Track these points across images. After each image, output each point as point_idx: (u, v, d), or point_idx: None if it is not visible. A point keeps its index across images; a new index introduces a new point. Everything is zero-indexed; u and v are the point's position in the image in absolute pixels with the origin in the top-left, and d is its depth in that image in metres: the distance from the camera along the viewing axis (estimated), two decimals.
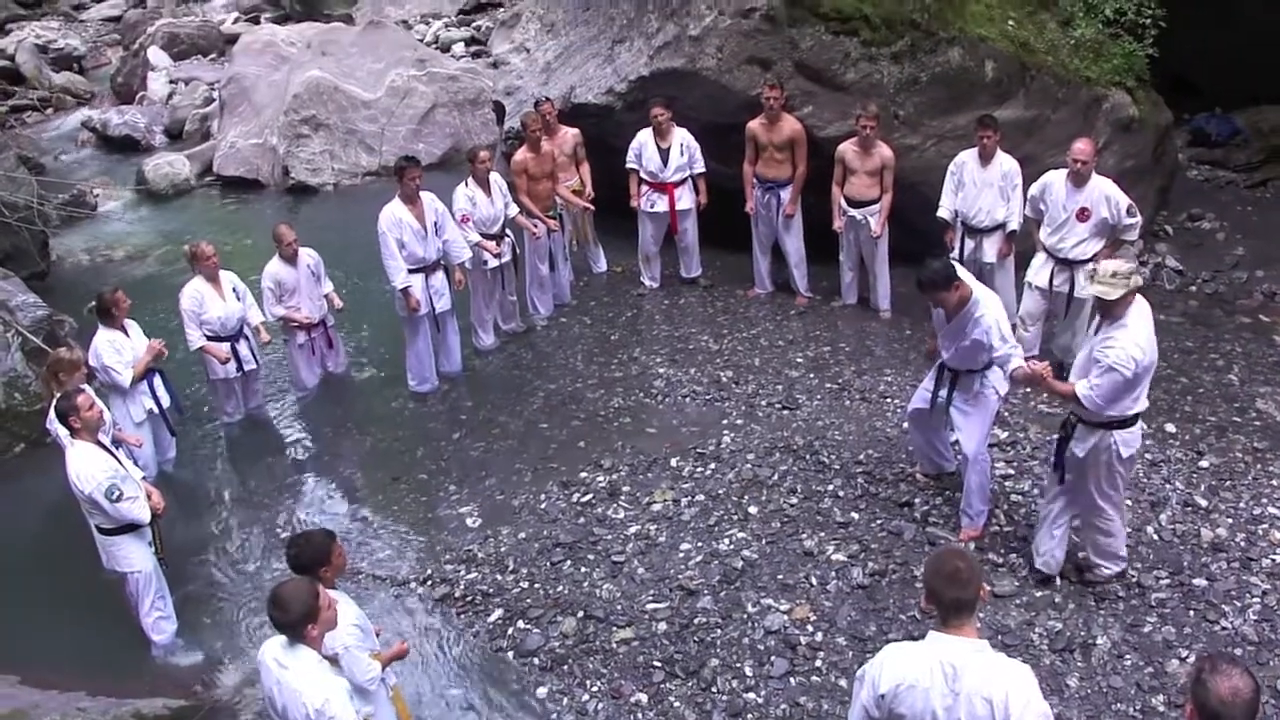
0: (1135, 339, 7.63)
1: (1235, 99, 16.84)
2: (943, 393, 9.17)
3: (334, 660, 6.18)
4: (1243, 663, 4.89)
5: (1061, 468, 8.37)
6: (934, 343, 9.47)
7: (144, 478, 9.29)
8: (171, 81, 26.54)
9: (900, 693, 5.01)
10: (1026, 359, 10.83)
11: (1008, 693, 4.83)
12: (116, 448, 9.28)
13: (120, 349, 10.56)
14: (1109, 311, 7.75)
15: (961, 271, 8.61)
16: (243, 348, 11.79)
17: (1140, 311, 7.79)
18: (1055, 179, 11.14)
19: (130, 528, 8.70)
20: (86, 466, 8.38)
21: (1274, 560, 8.76)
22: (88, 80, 29.61)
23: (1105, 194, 10.88)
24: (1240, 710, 4.34)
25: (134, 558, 8.80)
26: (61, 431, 8.77)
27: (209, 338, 11.49)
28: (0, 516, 11.04)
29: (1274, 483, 9.78)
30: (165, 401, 11.01)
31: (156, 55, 27.51)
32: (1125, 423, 7.97)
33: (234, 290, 11.68)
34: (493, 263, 12.89)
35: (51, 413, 9.06)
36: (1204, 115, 17.02)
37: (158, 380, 10.94)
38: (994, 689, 4.85)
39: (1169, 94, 15.03)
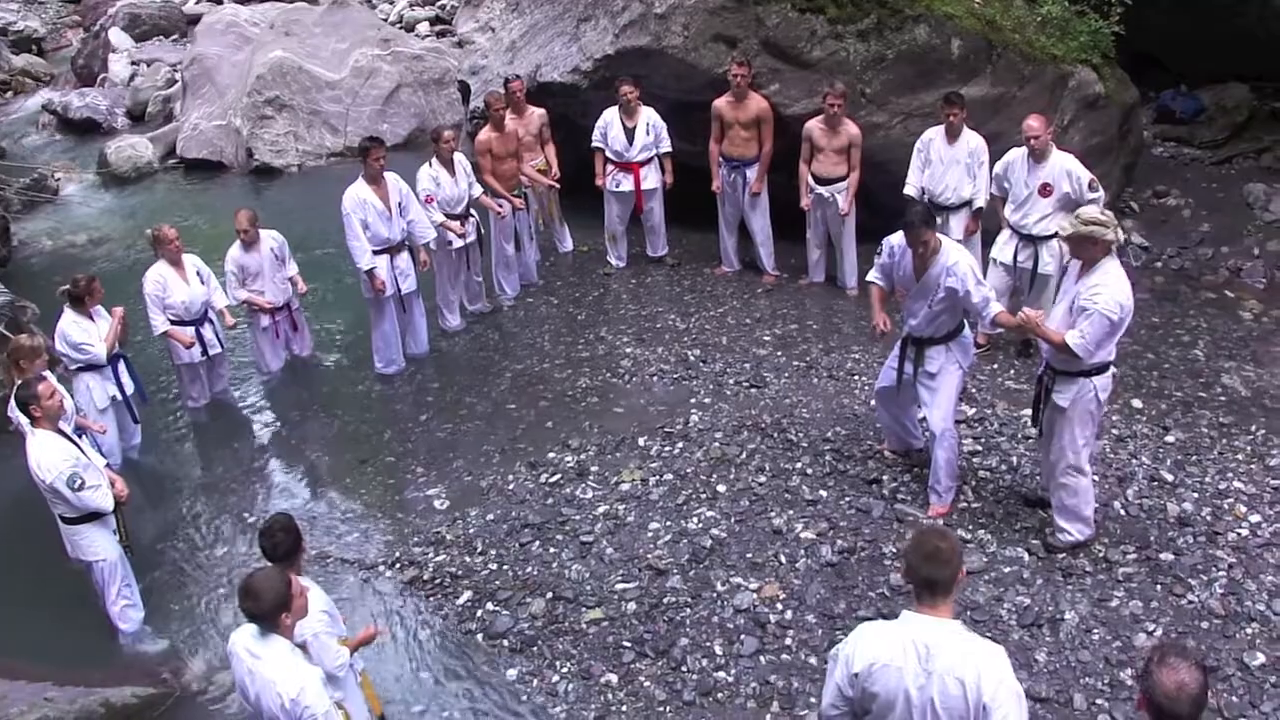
0: (1117, 285, 7.85)
1: (1200, 76, 16.88)
2: (909, 368, 9.20)
3: (302, 648, 6.14)
4: (1194, 655, 4.90)
5: (1040, 422, 8.56)
6: (882, 318, 9.60)
7: (108, 465, 9.24)
8: (133, 63, 26.30)
9: (874, 672, 5.00)
10: (992, 335, 10.98)
11: (980, 672, 4.83)
12: (80, 435, 9.22)
13: (86, 329, 10.52)
14: (1086, 256, 7.97)
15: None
16: (207, 332, 11.72)
17: (1115, 266, 7.97)
18: (1018, 156, 11.18)
19: (94, 516, 8.65)
20: (47, 455, 8.31)
21: (1239, 534, 8.81)
22: (48, 62, 29.35)
23: (1066, 169, 10.90)
24: (1185, 705, 4.38)
25: (99, 546, 8.74)
26: (22, 420, 8.71)
27: (173, 322, 11.42)
28: None
29: (1239, 457, 9.86)
30: (130, 388, 10.96)
31: (118, 37, 27.26)
32: (1103, 369, 8.25)
33: (198, 274, 11.61)
34: (457, 243, 12.85)
35: (12, 400, 8.99)
36: (1169, 92, 17.07)
37: (122, 366, 10.88)
38: (966, 669, 4.84)
39: (1135, 71, 15.07)
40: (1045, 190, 10.94)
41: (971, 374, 10.88)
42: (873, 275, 9.39)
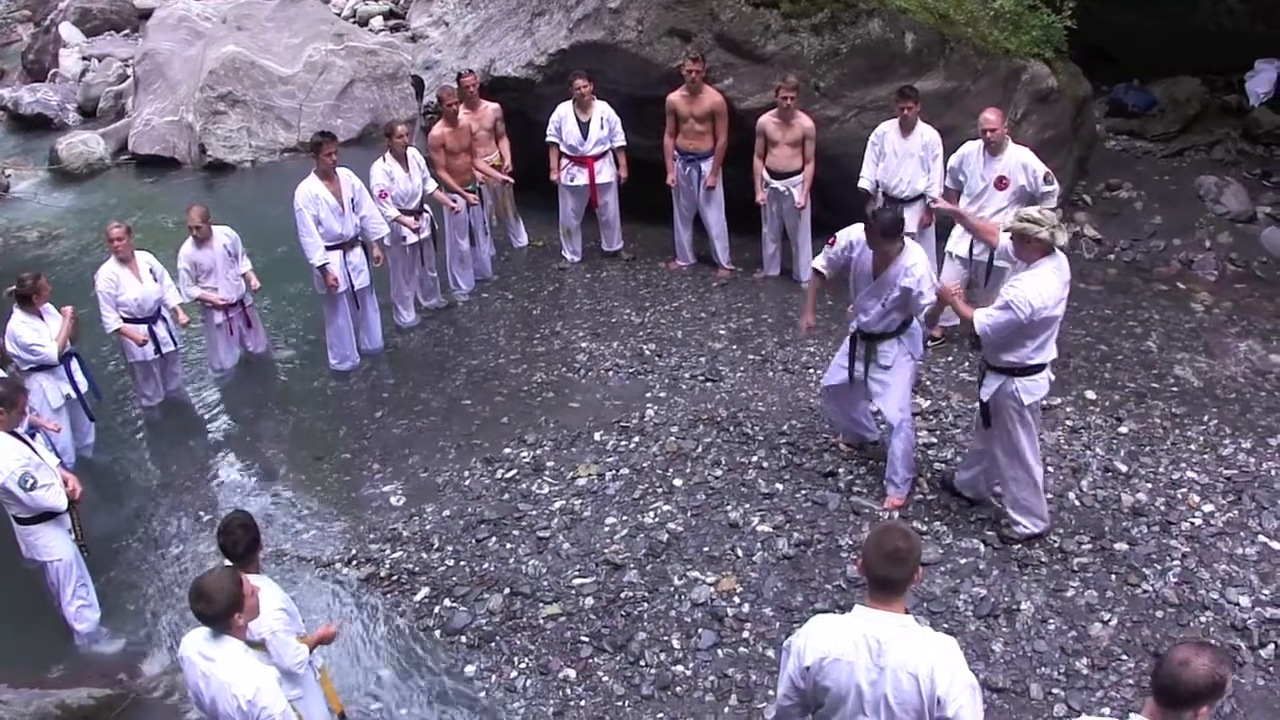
0: (1039, 287, 7.85)
1: (1152, 70, 16.98)
2: (859, 366, 9.27)
3: (260, 645, 6.11)
4: (1221, 652, 4.85)
5: (985, 413, 8.61)
6: (811, 318, 9.86)
7: (61, 464, 9.17)
8: (84, 58, 26.10)
9: (825, 666, 5.00)
10: (947, 328, 11.03)
11: (933, 666, 4.82)
12: (33, 434, 9.15)
13: (37, 328, 10.41)
14: (1025, 255, 8.05)
15: None
16: (160, 329, 11.64)
17: (1055, 265, 8.01)
18: (973, 149, 11.23)
19: (47, 516, 8.58)
20: None
21: (1193, 523, 8.89)
22: None
23: (1022, 162, 10.96)
24: (1187, 677, 4.36)
25: (53, 546, 8.67)
26: None
27: (126, 320, 11.34)
28: None
29: (1192, 447, 9.93)
30: (83, 386, 10.88)
31: (68, 31, 27.06)
32: (1027, 370, 8.23)
33: (151, 271, 11.53)
34: (411, 239, 12.83)
35: None
36: (1122, 86, 17.15)
37: (75, 364, 10.80)
38: (919, 663, 4.84)
39: (1087, 65, 15.14)
40: (1001, 183, 10.99)
41: (926, 366, 10.98)
42: (819, 263, 9.39)
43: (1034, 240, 7.88)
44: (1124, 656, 7.69)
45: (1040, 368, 8.30)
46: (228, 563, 6.44)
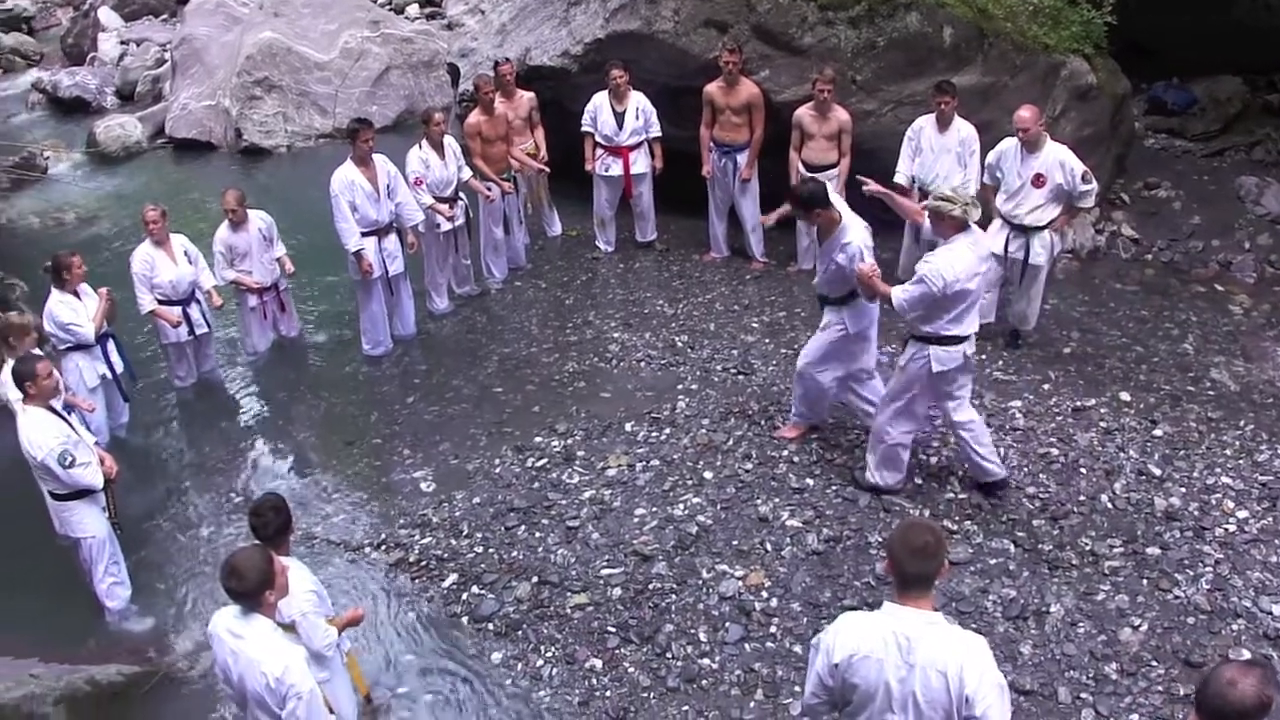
0: (952, 261, 8.25)
1: (1193, 68, 16.85)
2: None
3: (289, 627, 6.12)
4: (1269, 675, 4.77)
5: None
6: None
7: (96, 443, 9.20)
8: (123, 42, 26.23)
9: (854, 663, 4.98)
10: (982, 325, 10.97)
11: (962, 665, 4.80)
12: (69, 413, 9.18)
13: (74, 308, 10.46)
14: (940, 231, 8.50)
15: (834, 199, 9.36)
16: (194, 311, 11.69)
17: (970, 241, 8.43)
18: (1010, 146, 11.17)
19: (83, 493, 8.62)
20: (38, 432, 8.30)
21: (1227, 529, 8.79)
22: (37, 41, 29.26)
23: (1060, 160, 10.88)
24: (1234, 698, 4.27)
25: (87, 523, 8.72)
26: (13, 396, 8.68)
27: (160, 301, 11.39)
28: None
29: (1227, 452, 9.82)
30: (119, 366, 10.92)
31: (107, 16, 27.19)
32: (942, 340, 8.62)
33: (185, 254, 11.57)
34: (445, 226, 12.83)
35: (5, 376, 8.95)
36: (1161, 84, 17.02)
37: (111, 345, 10.84)
38: (949, 661, 4.82)
39: (1127, 62, 15.03)
40: (1038, 181, 10.93)
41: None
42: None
43: (948, 218, 8.31)
44: (1154, 663, 7.62)
45: (956, 340, 8.63)
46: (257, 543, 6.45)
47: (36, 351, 9.13)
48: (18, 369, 8.49)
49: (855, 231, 9.13)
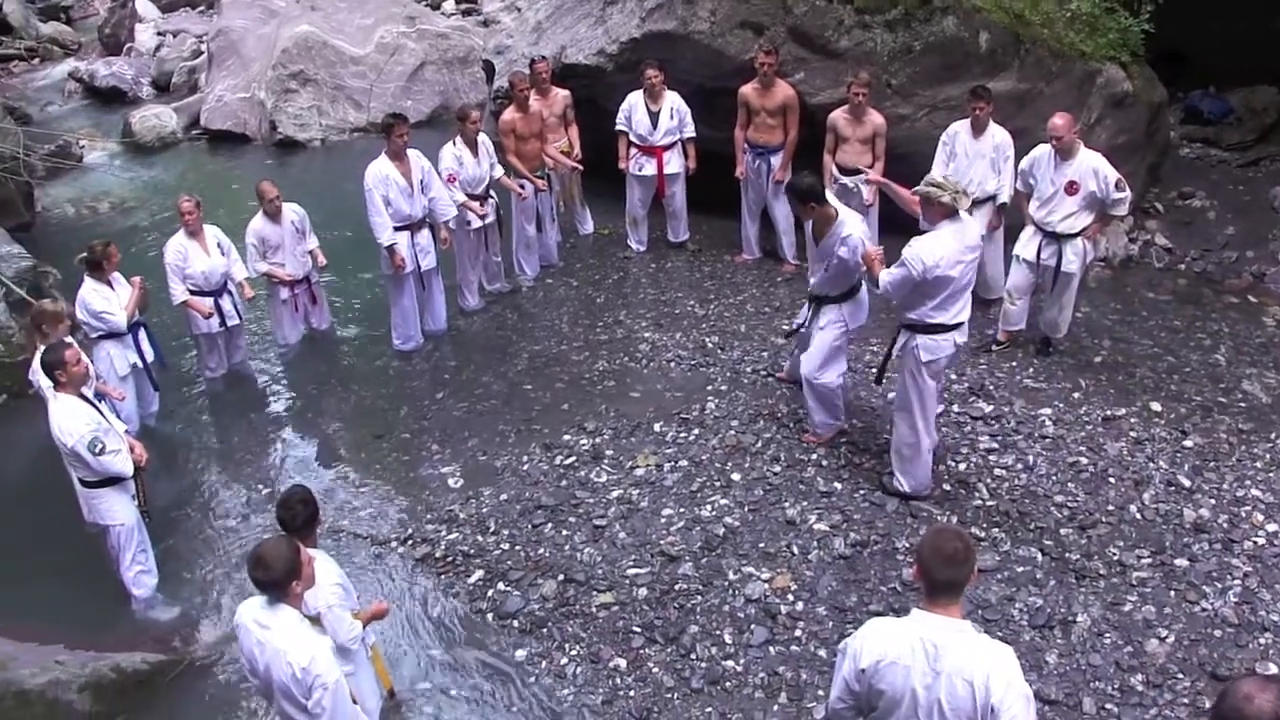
0: (934, 246, 8.38)
1: (1229, 77, 16.78)
2: (809, 321, 10.02)
3: (314, 620, 6.13)
4: None
5: (880, 371, 9.70)
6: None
7: (126, 431, 9.24)
8: (159, 33, 26.40)
9: (881, 669, 4.97)
10: (1012, 333, 10.96)
11: (989, 674, 4.78)
12: (99, 401, 9.22)
13: (107, 297, 10.51)
14: (928, 216, 8.77)
15: (831, 197, 9.59)
16: (226, 303, 11.72)
17: (956, 230, 8.50)
18: (1044, 152, 11.10)
19: (113, 481, 8.66)
20: (69, 419, 8.32)
21: (1256, 542, 8.74)
22: (75, 31, 29.45)
23: (1094, 168, 10.82)
24: (1251, 713, 4.26)
25: (116, 511, 8.75)
26: (44, 383, 8.71)
27: (193, 292, 11.43)
28: None
29: (1257, 465, 9.76)
30: (150, 355, 10.96)
31: (145, 6, 27.38)
32: (928, 329, 8.75)
33: (218, 245, 11.61)
34: (476, 223, 12.85)
35: (36, 364, 8.99)
36: (1198, 93, 16.98)
37: (142, 334, 10.88)
38: (975, 670, 4.80)
39: (1163, 71, 14.98)
40: (1071, 188, 10.87)
41: (990, 371, 10.91)
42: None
43: (936, 204, 8.45)
44: (1180, 675, 7.59)
45: (941, 328, 8.73)
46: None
47: (67, 339, 9.16)
48: (46, 358, 8.51)
49: (852, 224, 9.35)
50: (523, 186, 13.32)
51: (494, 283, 13.68)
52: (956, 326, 8.77)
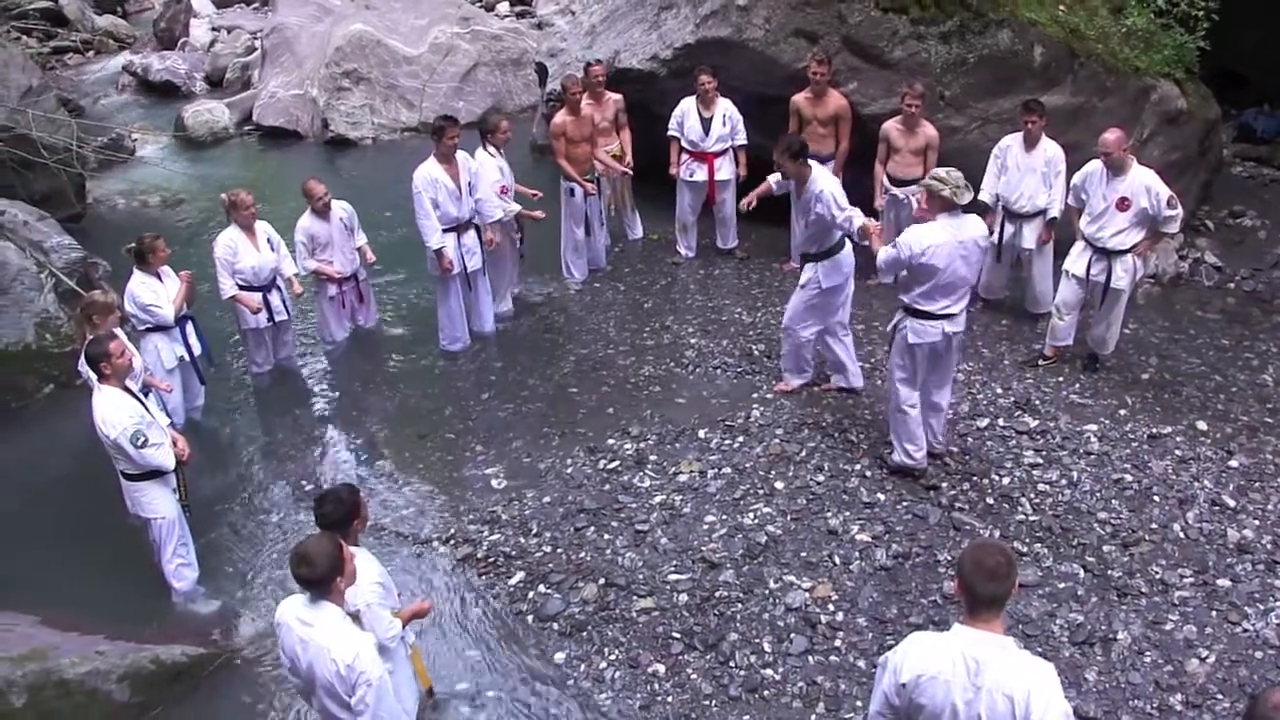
0: (926, 235, 8.81)
1: None
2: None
3: (354, 617, 6.16)
4: None
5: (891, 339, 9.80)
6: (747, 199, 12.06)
7: (171, 424, 9.30)
8: (214, 29, 26.59)
9: (922, 683, 4.97)
10: (1060, 348, 10.93)
11: (1029, 691, 4.77)
12: (146, 394, 9.28)
13: (155, 290, 10.56)
14: (926, 206, 8.98)
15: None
16: (275, 298, 11.77)
17: (953, 224, 8.84)
18: (1096, 168, 11.04)
19: (155, 474, 8.70)
20: (112, 412, 8.36)
21: None
22: (130, 25, 29.70)
23: (1146, 185, 10.76)
24: None
25: (158, 504, 8.79)
26: (91, 375, 8.76)
27: (242, 287, 11.47)
28: (27, 458, 11.09)
29: None
30: (197, 349, 11.02)
31: (200, 2, 27.58)
32: (916, 313, 9.18)
33: (268, 241, 11.66)
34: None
35: (83, 356, 9.05)
36: (1252, 111, 16.89)
37: (190, 328, 10.94)
38: (1016, 686, 4.79)
39: (1217, 88, 14.90)
40: (1123, 204, 10.82)
41: (1036, 385, 10.87)
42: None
43: (937, 197, 8.75)
44: (1219, 695, 7.54)
45: (928, 315, 9.11)
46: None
47: (115, 331, 9.22)
48: (90, 351, 8.54)
49: (824, 180, 10.10)
50: (571, 192, 13.42)
51: (514, 287, 13.72)
52: (946, 317, 9.08)
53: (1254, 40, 15.44)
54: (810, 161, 10.07)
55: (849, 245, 10.35)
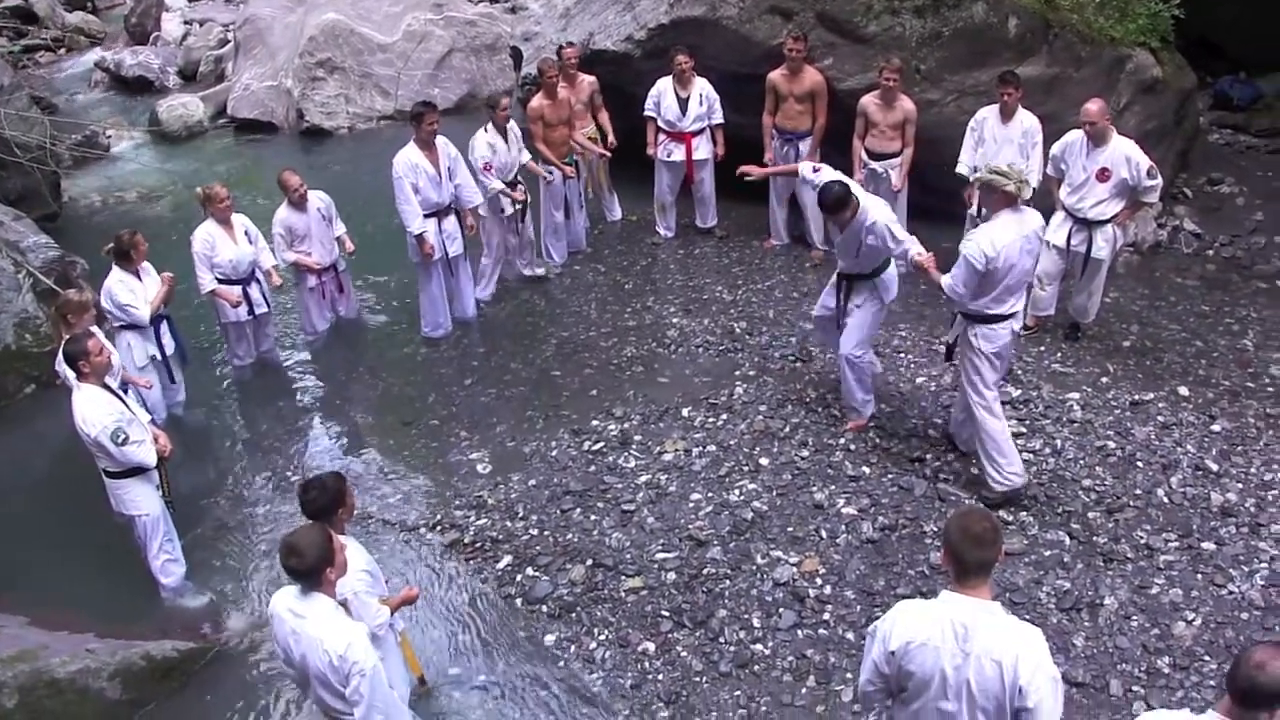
0: (992, 237, 8.33)
1: (1260, 63, 16.69)
2: (843, 300, 9.95)
3: (343, 606, 6.15)
4: None
5: (949, 351, 9.45)
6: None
7: (152, 421, 9.28)
8: (186, 22, 26.44)
9: (911, 650, 5.00)
10: (1041, 318, 10.95)
11: (1018, 655, 4.82)
12: (125, 391, 9.26)
13: (133, 289, 10.50)
14: (989, 205, 8.68)
15: (854, 187, 9.41)
16: (254, 291, 11.71)
17: (1017, 219, 8.47)
18: (1076, 138, 11.07)
19: (136, 471, 8.68)
20: (92, 410, 8.33)
21: None
22: (101, 20, 29.49)
23: (1126, 155, 10.78)
24: (1265, 679, 4.35)
25: (141, 501, 8.78)
26: (69, 374, 8.74)
27: (220, 281, 11.43)
28: (10, 458, 11.05)
29: None
30: (170, 348, 10.98)
31: None
32: (986, 319, 8.70)
33: (246, 233, 11.61)
34: (509, 210, 12.83)
35: (60, 355, 9.03)
36: (1227, 79, 16.91)
37: (165, 326, 10.90)
38: (1004, 651, 4.83)
39: (1193, 56, 14.91)
40: (1103, 175, 10.84)
41: (1018, 356, 10.89)
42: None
43: (1000, 192, 8.37)
44: (1206, 657, 7.60)
45: (998, 319, 8.70)
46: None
47: (92, 329, 9.19)
48: (69, 349, 8.51)
49: (876, 210, 9.32)
50: (550, 173, 13.33)
51: (530, 267, 13.70)
52: (1012, 316, 8.76)
53: (1229, 9, 15.46)
54: (857, 191, 9.47)
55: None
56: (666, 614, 8.26)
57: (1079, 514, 8.92)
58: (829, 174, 9.62)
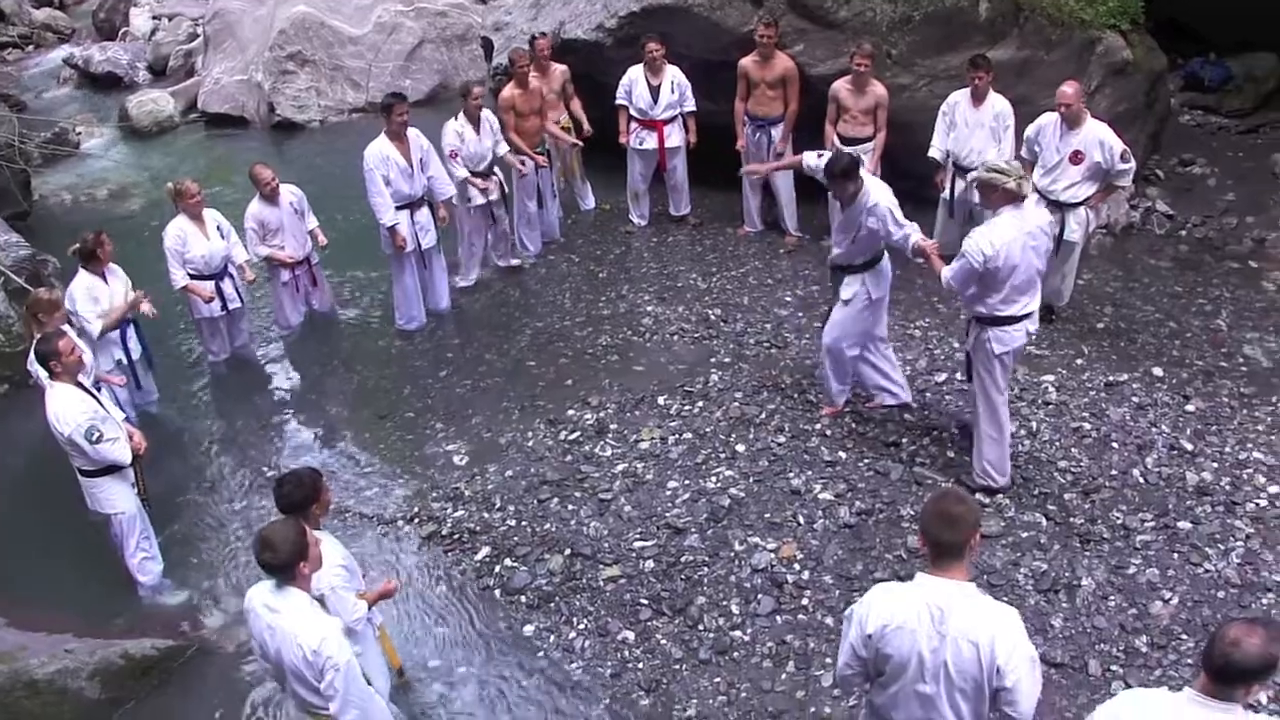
0: (992, 235, 8.15)
1: (1230, 44, 16.73)
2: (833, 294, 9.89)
3: (320, 601, 6.14)
4: (1273, 630, 4.79)
5: (968, 363, 9.02)
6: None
7: (126, 419, 9.24)
8: (155, 17, 26.30)
9: (887, 633, 5.01)
10: None
11: (994, 636, 4.82)
12: (98, 389, 9.23)
13: (97, 297, 10.41)
14: (989, 202, 8.43)
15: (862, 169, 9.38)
16: (227, 286, 11.69)
17: (1018, 215, 8.24)
18: (1049, 121, 11.09)
19: (112, 469, 8.66)
20: (66, 408, 8.31)
21: (1258, 505, 8.77)
22: (69, 16, 29.36)
23: (1099, 138, 10.81)
24: (1238, 654, 4.36)
25: (116, 499, 8.77)
26: (41, 373, 8.71)
27: (193, 276, 11.41)
28: None
29: (1259, 428, 9.78)
30: (135, 353, 10.93)
31: None
32: (997, 321, 8.51)
33: (218, 229, 11.57)
34: (479, 200, 12.80)
35: (32, 354, 8.99)
36: (1198, 60, 16.92)
37: (131, 331, 10.85)
38: (980, 632, 4.84)
39: (1163, 38, 14.93)
40: (1076, 158, 10.86)
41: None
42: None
43: (1001, 189, 8.16)
44: (1184, 635, 7.63)
45: (1011, 320, 8.53)
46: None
47: (63, 328, 9.16)
48: (40, 348, 8.51)
49: (878, 192, 9.21)
50: (523, 163, 13.27)
51: (504, 259, 13.68)
52: (1026, 317, 8.61)
53: None
54: (863, 173, 9.40)
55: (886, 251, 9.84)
56: (645, 602, 8.27)
57: (1055, 495, 8.94)
58: None
